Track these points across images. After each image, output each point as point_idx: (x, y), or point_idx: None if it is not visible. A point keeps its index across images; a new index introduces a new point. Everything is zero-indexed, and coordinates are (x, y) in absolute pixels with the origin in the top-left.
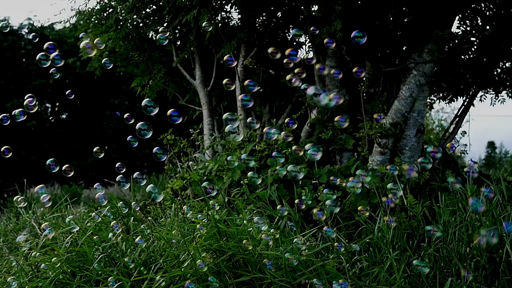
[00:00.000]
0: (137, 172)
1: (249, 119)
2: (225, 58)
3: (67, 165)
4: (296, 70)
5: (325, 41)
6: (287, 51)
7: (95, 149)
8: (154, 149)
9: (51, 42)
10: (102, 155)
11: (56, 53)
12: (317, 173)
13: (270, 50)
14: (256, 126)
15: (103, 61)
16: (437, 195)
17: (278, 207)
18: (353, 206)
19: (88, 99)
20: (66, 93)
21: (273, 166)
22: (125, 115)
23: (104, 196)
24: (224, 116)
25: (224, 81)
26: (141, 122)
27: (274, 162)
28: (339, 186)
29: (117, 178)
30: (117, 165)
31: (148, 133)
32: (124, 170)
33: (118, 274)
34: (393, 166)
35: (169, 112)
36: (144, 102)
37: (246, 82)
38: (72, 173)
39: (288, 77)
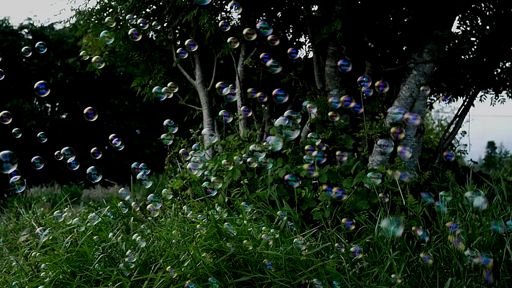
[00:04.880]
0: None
1: (204, 130)
2: (288, 51)
3: (36, 157)
4: None
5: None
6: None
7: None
8: (165, 122)
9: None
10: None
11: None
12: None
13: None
14: (214, 140)
15: None
16: (437, 195)
17: (278, 212)
18: (353, 206)
19: (88, 99)
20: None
21: (273, 166)
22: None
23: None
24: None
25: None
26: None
27: (274, 162)
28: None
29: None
30: (63, 150)
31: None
32: (73, 157)
33: (118, 274)
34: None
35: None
36: (88, 170)
37: None
38: (42, 165)
39: None
